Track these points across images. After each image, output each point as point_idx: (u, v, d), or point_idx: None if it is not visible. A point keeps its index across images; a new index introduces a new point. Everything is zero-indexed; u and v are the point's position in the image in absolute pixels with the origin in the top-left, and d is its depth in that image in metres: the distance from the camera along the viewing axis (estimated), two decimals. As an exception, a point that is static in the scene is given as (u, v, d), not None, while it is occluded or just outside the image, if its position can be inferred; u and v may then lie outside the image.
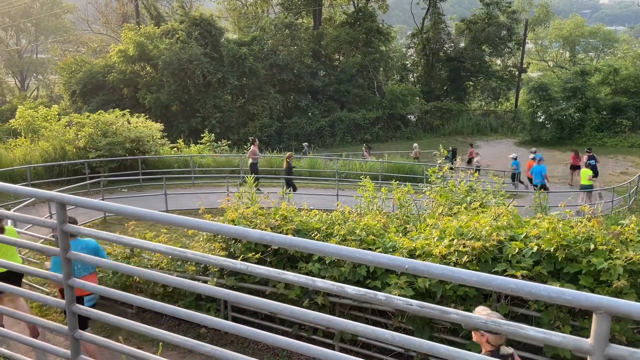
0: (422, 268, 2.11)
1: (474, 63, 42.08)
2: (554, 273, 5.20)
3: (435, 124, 38.69)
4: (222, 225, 2.48)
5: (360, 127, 36.98)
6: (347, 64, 39.75)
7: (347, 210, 7.38)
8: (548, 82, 35.14)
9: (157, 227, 12.02)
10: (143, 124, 20.84)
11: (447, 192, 8.15)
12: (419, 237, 6.39)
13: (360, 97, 38.75)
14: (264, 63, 36.12)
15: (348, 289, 2.28)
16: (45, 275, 3.18)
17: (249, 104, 36.17)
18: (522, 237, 5.52)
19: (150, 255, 8.07)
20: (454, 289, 5.58)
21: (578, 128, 32.87)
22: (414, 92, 42.00)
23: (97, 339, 3.16)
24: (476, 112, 42.30)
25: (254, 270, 2.52)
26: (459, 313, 2.06)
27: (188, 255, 2.69)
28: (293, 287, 6.45)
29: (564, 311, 5.15)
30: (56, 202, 2.89)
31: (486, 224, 5.65)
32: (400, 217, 8.87)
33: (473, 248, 5.37)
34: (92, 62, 37.01)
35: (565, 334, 1.91)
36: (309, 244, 2.33)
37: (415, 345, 2.21)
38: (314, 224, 6.74)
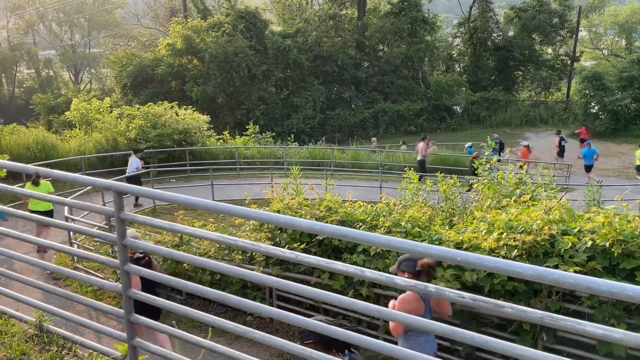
0: (475, 260, 2.07)
1: (524, 52, 40.74)
2: (608, 269, 5.00)
3: (482, 115, 37.75)
4: (272, 214, 2.51)
5: (404, 119, 36.54)
6: (391, 54, 39.26)
7: (392, 202, 7.32)
8: (602, 72, 33.71)
9: (205, 217, 12.30)
10: (190, 116, 21.31)
11: (495, 185, 7.95)
12: (466, 230, 6.28)
13: (405, 88, 38.24)
14: (308, 55, 36.18)
15: (397, 280, 2.27)
16: (102, 260, 3.31)
17: (292, 95, 36.35)
18: (575, 231, 5.33)
19: (199, 244, 8.28)
20: (502, 283, 5.46)
21: (634, 119, 31.40)
22: (460, 82, 41.10)
23: (152, 324, 3.28)
24: (525, 103, 41.02)
25: (303, 259, 2.55)
26: (513, 307, 2.02)
27: (239, 244, 2.74)
28: (337, 278, 6.48)
29: (619, 308, 4.96)
30: (113, 190, 3.00)
31: (537, 217, 5.48)
32: (445, 209, 8.73)
33: (523, 242, 5.23)
34: (142, 55, 38.06)
35: (626, 331, 1.84)
36: (358, 234, 2.33)
37: (467, 339, 2.18)
38: (358, 215, 6.73)
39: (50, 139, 19.65)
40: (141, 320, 3.33)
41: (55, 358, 3.36)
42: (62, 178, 3.13)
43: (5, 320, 3.82)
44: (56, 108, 36.09)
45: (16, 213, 4.07)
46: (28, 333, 3.70)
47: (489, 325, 5.99)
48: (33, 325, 3.75)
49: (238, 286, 7.41)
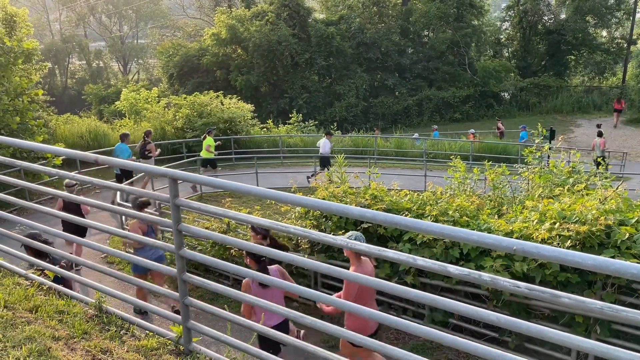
0: (533, 250, 2.03)
1: (576, 36, 39.01)
2: (669, 262, 4.79)
3: (531, 102, 36.51)
4: (325, 202, 2.53)
5: (450, 106, 35.83)
6: (436, 40, 38.44)
7: (440, 191, 7.23)
8: (661, 54, 31.94)
9: (250, 204, 12.51)
10: (235, 105, 21.62)
11: (547, 174, 7.72)
12: (516, 220, 6.14)
13: (450, 74, 37.42)
14: (351, 42, 35.92)
15: (451, 269, 2.25)
16: (159, 245, 3.43)
17: (335, 83, 36.23)
18: (633, 221, 5.13)
19: (245, 230, 8.43)
20: (554, 274, 5.32)
21: (697, 104, 29.72)
22: (508, 68, 39.84)
23: (205, 307, 3.38)
24: (577, 89, 39.39)
25: (354, 246, 2.56)
26: (571, 297, 1.97)
27: (290, 230, 2.78)
28: (383, 266, 6.48)
29: (680, 303, 4.76)
30: (169, 177, 3.09)
31: (593, 207, 5.30)
32: (493, 199, 8.56)
33: (577, 232, 5.07)
34: (188, 45, 38.75)
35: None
36: (409, 222, 2.32)
37: (522, 329, 2.15)
38: (404, 204, 6.68)
39: (101, 128, 20.39)
40: (195, 303, 3.44)
41: (115, 337, 3.52)
42: (121, 165, 3.25)
43: (67, 300, 4.02)
44: (106, 98, 37.30)
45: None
46: (88, 313, 3.88)
47: (540, 317, 5.87)
48: (93, 306, 3.93)
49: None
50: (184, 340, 3.55)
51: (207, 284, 3.29)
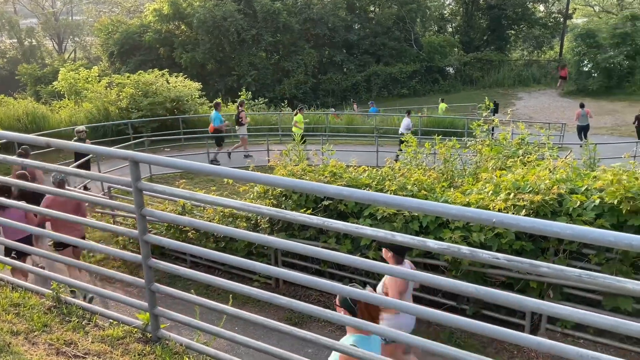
0: (511, 221, 2.06)
1: (516, 10, 40.12)
2: (616, 226, 5.06)
3: (475, 76, 37.42)
4: (299, 181, 2.49)
5: (397, 82, 36.20)
6: (382, 15, 38.55)
7: (397, 166, 7.31)
8: (595, 29, 33.30)
9: (204, 185, 12.27)
10: (182, 84, 20.98)
11: (498, 146, 7.95)
12: (471, 191, 6.30)
13: (397, 50, 37.73)
14: (298, 17, 35.47)
15: (430, 243, 2.26)
16: (121, 231, 3.28)
17: (283, 60, 35.80)
18: (583, 190, 5.37)
19: (201, 212, 8.26)
20: (509, 243, 5.52)
21: (627, 76, 31.32)
22: (452, 43, 40.57)
23: (172, 292, 3.28)
24: (518, 63, 40.69)
25: (331, 225, 2.53)
26: (550, 266, 2.03)
27: (262, 211, 2.71)
28: (344, 243, 6.53)
29: (626, 265, 5.05)
30: (130, 160, 2.95)
31: (545, 177, 5.50)
32: (445, 172, 8.75)
33: (532, 202, 5.27)
34: (128, 22, 37.13)
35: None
36: (389, 198, 2.31)
37: (499, 300, 2.20)
38: (363, 180, 6.72)
39: (40, 110, 19.32)
40: (162, 289, 3.33)
41: (77, 329, 3.37)
42: (76, 149, 3.07)
43: (21, 293, 3.81)
44: (43, 78, 35.36)
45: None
46: (46, 305, 3.70)
47: (496, 284, 6.10)
48: (50, 297, 3.75)
49: (243, 253, 7.44)
50: (151, 327, 3.44)
51: (175, 270, 3.19)
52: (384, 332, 2.69)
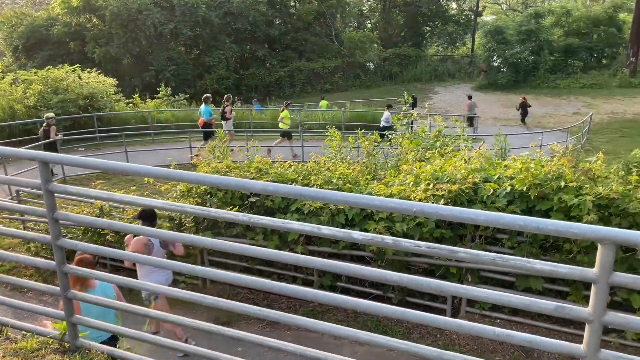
0: (431, 210, 2.15)
1: (431, 7, 41.76)
2: (526, 211, 5.41)
3: (394, 72, 38.56)
4: (224, 177, 2.44)
5: (320, 77, 36.53)
6: (303, 11, 38.70)
7: (323, 160, 7.38)
8: (503, 26, 35.37)
9: (123, 185, 11.76)
10: (95, 80, 19.94)
11: (417, 139, 8.25)
12: (393, 183, 6.50)
13: (319, 45, 38.05)
14: (218, 12, 34.76)
15: (355, 235, 2.31)
16: (32, 237, 3.07)
17: (204, 55, 34.98)
18: (495, 178, 5.69)
19: (120, 214, 7.92)
20: (430, 231, 5.75)
21: (533, 71, 33.54)
22: (372, 39, 41.52)
23: (90, 298, 3.12)
24: (434, 58, 42.37)
25: (257, 221, 2.51)
26: (467, 251, 2.13)
27: (186, 209, 2.64)
28: (272, 239, 6.51)
29: (535, 247, 5.42)
30: (39, 160, 2.76)
31: (461, 167, 5.78)
32: (368, 165, 8.97)
33: (449, 191, 5.51)
34: (34, 15, 34.68)
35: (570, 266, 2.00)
36: (315, 192, 2.33)
37: (422, 286, 2.29)
38: (289, 175, 6.73)
39: None
40: (79, 295, 3.16)
41: (-15, 345, 3.12)
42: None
43: None
44: (-64, 75, 32.25)
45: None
46: (-53, 321, 3.39)
47: (419, 271, 6.33)
48: (-48, 313, 3.44)
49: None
50: (69, 336, 3.25)
51: (92, 275, 3.04)
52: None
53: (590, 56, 34.61)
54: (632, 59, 31.27)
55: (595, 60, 34.81)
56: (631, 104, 26.61)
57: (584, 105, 27.21)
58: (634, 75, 31.13)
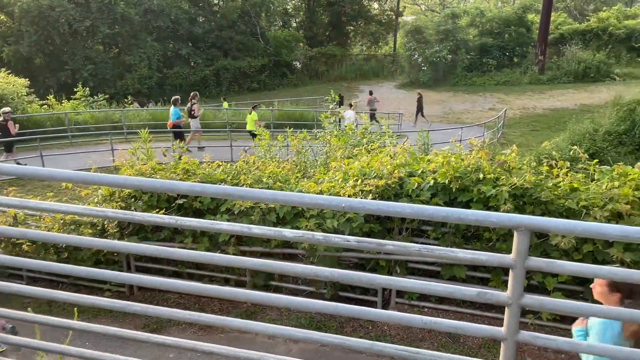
0: (358, 205, 2.19)
1: (354, 7, 42.58)
2: (448, 203, 5.65)
3: (320, 70, 38.97)
4: (147, 179, 2.36)
5: (247, 76, 36.23)
6: (227, 9, 38.18)
7: (252, 160, 7.33)
8: (422, 26, 36.69)
9: (38, 191, 11.09)
10: (4, 80, 18.63)
11: (345, 136, 8.38)
12: (323, 180, 6.56)
13: (244, 44, 37.69)
14: (138, 9, 33.54)
15: (286, 233, 2.31)
16: None
17: (124, 54, 33.63)
18: (419, 172, 5.90)
19: (37, 222, 7.46)
20: (359, 226, 5.87)
21: (451, 69, 35.04)
22: (297, 38, 41.70)
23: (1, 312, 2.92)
24: (358, 57, 43.22)
25: (184, 223, 2.46)
26: (395, 244, 2.19)
27: (108, 214, 2.54)
28: (202, 241, 6.38)
29: (458, 237, 5.67)
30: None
31: (387, 162, 5.94)
32: (298, 163, 9.01)
33: (377, 186, 5.65)
34: None
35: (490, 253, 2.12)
36: (243, 191, 2.31)
37: (353, 280, 2.33)
38: (218, 175, 6.62)
39: None
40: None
41: None
42: None
43: None
44: None
45: None
46: None
47: (350, 266, 6.45)
48: None
49: (91, 262, 6.89)
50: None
51: (5, 288, 2.84)
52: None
53: (503, 55, 36.65)
54: (540, 57, 33.45)
55: (507, 58, 36.90)
56: (540, 99, 28.48)
57: (498, 102, 28.80)
58: (542, 72, 33.33)
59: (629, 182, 5.14)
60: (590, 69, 32.17)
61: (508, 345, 2.08)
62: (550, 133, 20.50)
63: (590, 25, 37.46)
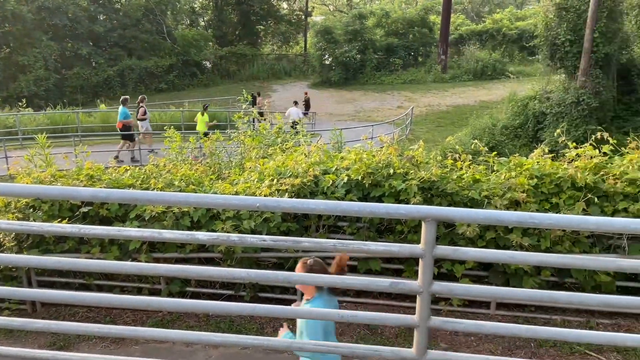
0: (273, 204, 2.19)
1: (263, 7, 42.40)
2: (362, 199, 5.80)
3: (231, 70, 38.44)
4: (45, 187, 2.20)
5: (154, 76, 34.92)
6: (130, 6, 36.55)
7: (163, 163, 7.07)
8: (331, 26, 37.34)
9: None
10: None
11: (259, 136, 8.34)
12: (238, 181, 6.48)
13: (150, 43, 36.29)
14: (30, 6, 31.19)
15: (199, 236, 2.26)
16: None
17: (16, 54, 31.14)
18: (333, 170, 5.99)
19: None
20: (277, 225, 5.86)
21: (360, 68, 35.97)
22: (206, 37, 40.79)
23: None
24: (270, 57, 43.12)
25: (89, 231, 2.33)
26: (310, 240, 2.21)
27: (2, 226, 2.34)
28: (111, 250, 6.07)
29: (372, 231, 5.84)
30: None
31: (302, 161, 5.98)
32: (212, 165, 8.83)
33: (292, 185, 5.67)
34: None
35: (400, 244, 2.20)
36: (152, 195, 2.22)
37: (270, 279, 2.32)
38: (126, 180, 6.32)
39: None
40: None
41: None
42: None
43: None
44: None
45: None
46: None
47: (267, 267, 6.42)
48: None
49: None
50: None
51: None
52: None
53: (408, 54, 38.18)
54: (443, 56, 35.27)
55: (412, 58, 38.49)
56: (444, 97, 30.03)
57: (405, 100, 29.98)
58: (445, 71, 35.15)
59: (524, 172, 5.55)
60: (487, 68, 34.41)
61: (420, 331, 2.17)
62: (454, 128, 21.69)
63: (486, 26, 40.07)
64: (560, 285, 5.64)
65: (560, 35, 18.33)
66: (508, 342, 5.23)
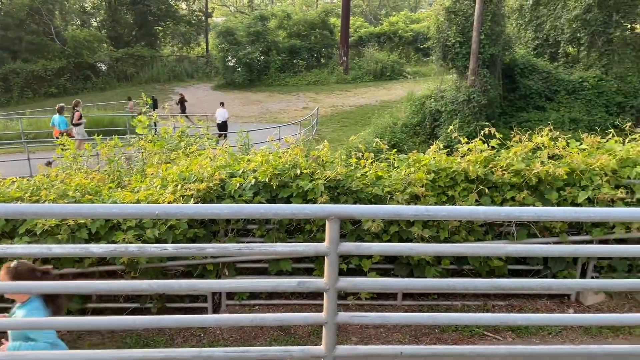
0: (175, 211, 2.12)
1: (160, 7, 40.94)
2: (271, 200, 5.79)
3: (129, 72, 36.69)
4: None
5: (43, 80, 32.47)
6: (12, 6, 33.69)
7: (55, 173, 6.59)
8: (233, 27, 36.87)
9: None
10: None
11: (161, 141, 8.04)
12: (139, 188, 6.20)
13: (36, 44, 33.67)
14: None
15: (94, 249, 2.14)
16: None
17: None
18: (240, 172, 5.93)
19: None
20: (183, 232, 5.68)
21: (265, 70, 35.90)
22: (100, 38, 38.57)
23: None
24: (170, 58, 41.73)
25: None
26: (214, 246, 2.17)
27: None
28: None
29: (282, 232, 5.85)
30: None
31: (207, 165, 5.85)
32: (111, 172, 8.38)
33: (198, 190, 5.53)
34: None
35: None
36: (39, 208, 2.07)
37: (174, 288, 2.25)
38: (12, 193, 5.81)
39: None
40: None
41: None
42: None
43: None
44: None
45: None
46: None
47: (175, 276, 6.21)
48: None
49: None
50: None
51: None
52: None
53: (311, 56, 38.70)
54: (344, 58, 36.15)
55: (315, 59, 39.06)
56: (347, 97, 30.80)
57: (310, 101, 30.37)
58: (346, 72, 36.05)
59: (422, 167, 5.84)
60: (386, 68, 35.78)
61: (329, 327, 2.20)
62: (357, 128, 22.31)
63: (383, 28, 41.65)
64: (459, 272, 6.00)
65: (451, 37, 19.52)
66: (414, 331, 5.48)
